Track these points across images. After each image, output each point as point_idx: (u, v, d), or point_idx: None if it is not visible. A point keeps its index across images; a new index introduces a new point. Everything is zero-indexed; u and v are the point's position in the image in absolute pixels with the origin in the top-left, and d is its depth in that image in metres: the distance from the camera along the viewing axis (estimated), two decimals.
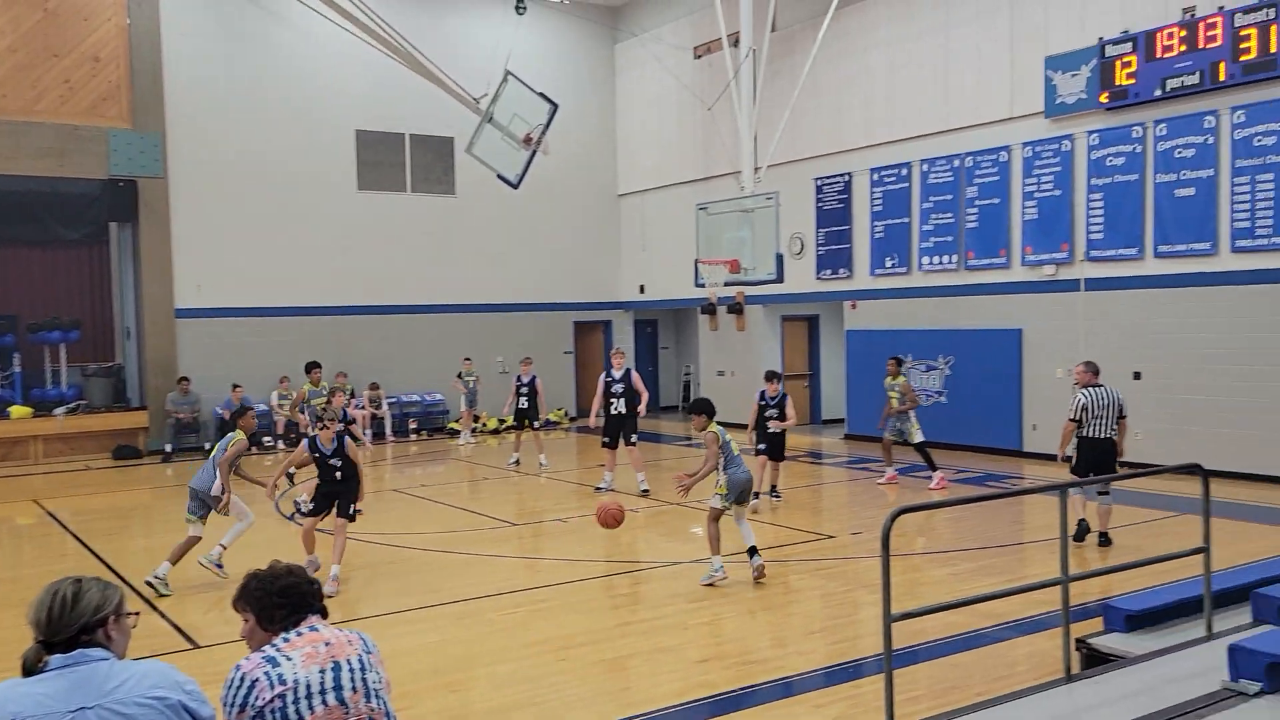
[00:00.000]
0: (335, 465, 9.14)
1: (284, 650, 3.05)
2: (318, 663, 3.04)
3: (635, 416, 13.80)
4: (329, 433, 9.12)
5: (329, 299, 20.65)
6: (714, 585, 8.56)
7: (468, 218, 22.10)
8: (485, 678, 6.66)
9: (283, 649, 3.06)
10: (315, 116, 20.39)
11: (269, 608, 3.13)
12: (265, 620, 3.14)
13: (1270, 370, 13.05)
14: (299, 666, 3.01)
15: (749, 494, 8.89)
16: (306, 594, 3.19)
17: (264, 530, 11.37)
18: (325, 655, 3.07)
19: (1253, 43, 12.89)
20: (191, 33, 19.31)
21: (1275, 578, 6.56)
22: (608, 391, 13.67)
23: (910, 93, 17.35)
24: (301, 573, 3.25)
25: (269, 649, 3.06)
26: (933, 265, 17.19)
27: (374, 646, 3.24)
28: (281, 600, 3.13)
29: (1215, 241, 13.56)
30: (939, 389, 17.17)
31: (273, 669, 2.99)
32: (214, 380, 19.26)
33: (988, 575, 8.88)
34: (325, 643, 3.11)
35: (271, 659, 3.02)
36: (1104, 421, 9.77)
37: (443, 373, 21.43)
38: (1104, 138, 14.70)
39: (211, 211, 19.50)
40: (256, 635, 3.16)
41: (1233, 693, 4.94)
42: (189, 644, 7.48)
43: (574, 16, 22.83)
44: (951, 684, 6.26)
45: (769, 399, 12.33)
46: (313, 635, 3.12)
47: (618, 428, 13.62)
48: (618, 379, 13.68)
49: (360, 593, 9.02)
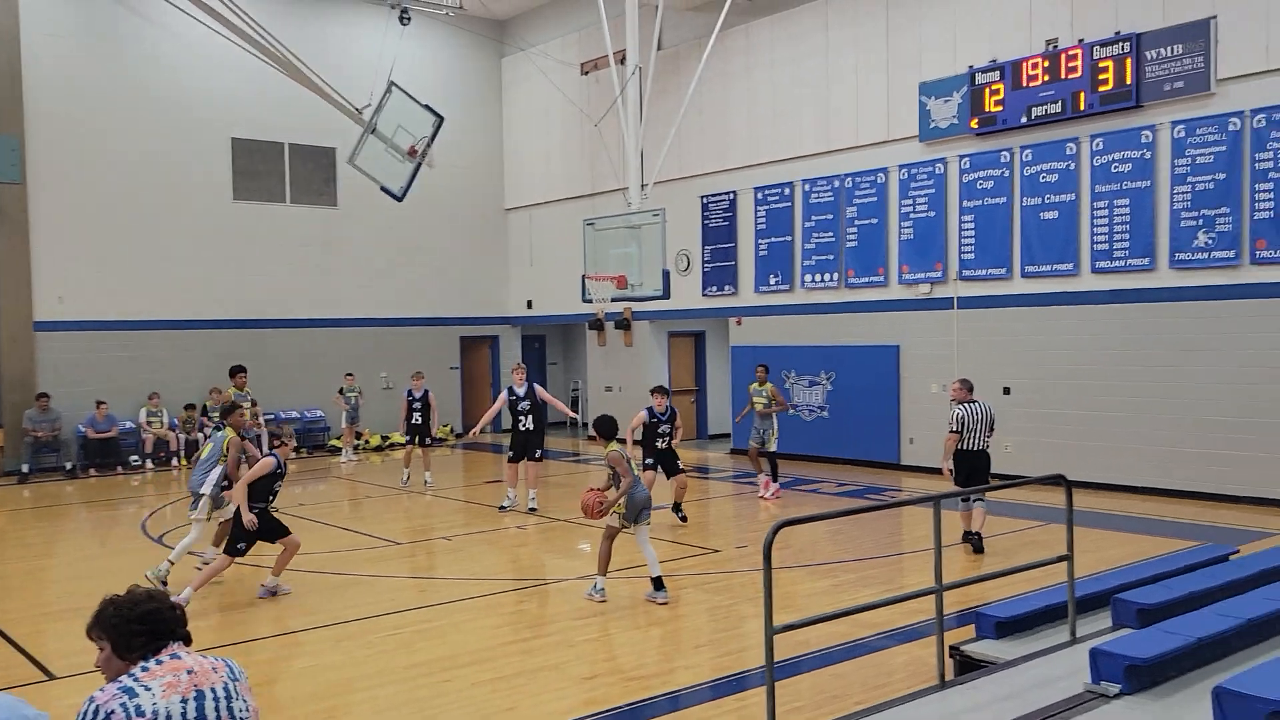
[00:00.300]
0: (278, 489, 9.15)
1: (143, 680, 2.88)
2: (179, 692, 2.89)
3: (542, 433, 13.65)
4: (287, 449, 9.18)
5: (202, 313, 19.91)
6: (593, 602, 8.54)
7: (350, 230, 21.64)
8: (366, 702, 6.48)
9: (141, 678, 2.89)
10: (189, 123, 19.68)
11: (126, 635, 2.95)
12: (122, 649, 2.96)
13: (1128, 385, 13.76)
14: (159, 696, 2.85)
15: (647, 513, 8.83)
16: (168, 620, 3.03)
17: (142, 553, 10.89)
18: (188, 684, 2.92)
19: (1110, 74, 13.63)
20: (54, 33, 18.43)
21: (1134, 583, 6.90)
22: (514, 409, 13.42)
23: (793, 114, 17.76)
24: (163, 598, 3.08)
25: (126, 679, 2.89)
26: (815, 283, 17.59)
27: (241, 673, 3.10)
28: (140, 628, 2.96)
29: (1077, 263, 14.25)
30: (821, 404, 17.55)
31: (130, 700, 2.82)
32: (77, 397, 18.36)
33: (867, 585, 9.09)
34: (188, 671, 2.95)
35: (129, 689, 2.85)
36: (978, 434, 10.49)
37: (323, 389, 20.88)
38: (974, 161, 15.31)
39: (75, 220, 18.60)
40: (113, 664, 2.98)
41: (1094, 695, 5.17)
42: (43, 675, 7.07)
43: (460, 29, 22.65)
44: (833, 694, 6.37)
45: (658, 414, 12.11)
46: (174, 663, 2.96)
47: (525, 444, 13.42)
48: (522, 396, 13.44)
49: (234, 616, 8.68)
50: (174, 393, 19.28)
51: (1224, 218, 12.83)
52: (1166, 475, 13.44)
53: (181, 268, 19.66)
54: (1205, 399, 13.06)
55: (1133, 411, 13.72)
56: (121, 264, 19.05)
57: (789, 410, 14.42)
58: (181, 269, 19.66)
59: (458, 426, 23.08)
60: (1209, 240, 12.97)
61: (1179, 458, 13.32)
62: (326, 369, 21.03)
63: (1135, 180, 13.63)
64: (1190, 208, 13.13)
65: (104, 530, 13.45)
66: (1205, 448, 13.07)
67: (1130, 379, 13.75)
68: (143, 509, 14.63)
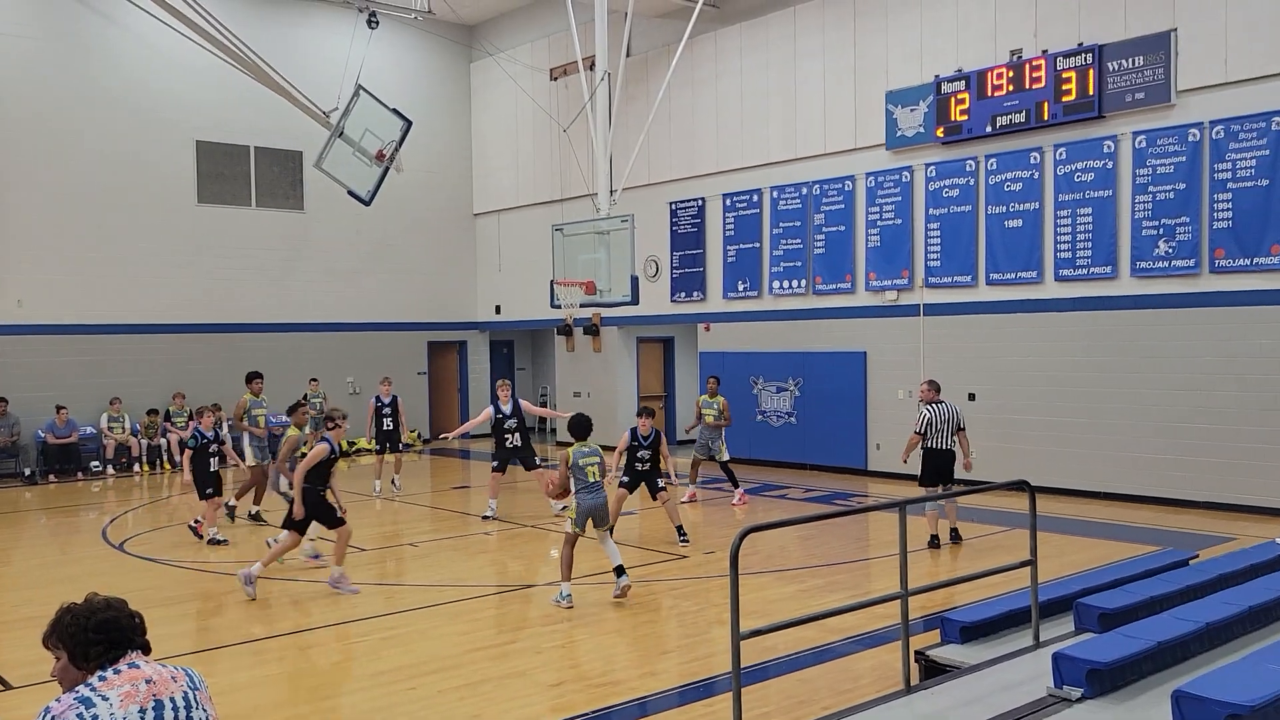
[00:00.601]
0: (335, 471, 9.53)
1: (100, 689, 2.84)
2: (137, 702, 2.85)
3: (530, 445, 13.46)
4: (340, 432, 9.50)
5: (165, 317, 19.67)
6: (561, 609, 8.53)
7: (317, 234, 21.48)
8: (329, 710, 6.43)
9: (99, 688, 2.85)
10: (153, 125, 19.45)
11: (84, 644, 2.91)
12: (79, 658, 2.91)
13: (1090, 391, 13.93)
14: (116, 706, 2.81)
15: (602, 520, 8.82)
16: (126, 629, 2.98)
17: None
18: (146, 693, 2.88)
19: (1073, 85, 13.82)
20: (17, 33, 18.15)
21: (1096, 588, 6.99)
22: (501, 428, 13.19)
23: (761, 121, 17.85)
24: (122, 606, 3.03)
25: (83, 689, 2.85)
26: (783, 289, 17.68)
27: (201, 682, 3.06)
28: (98, 636, 2.92)
29: (1040, 270, 14.42)
30: (789, 410, 17.63)
31: (87, 710, 2.78)
32: (36, 401, 18.07)
33: (834, 591, 9.14)
34: (146, 680, 2.91)
35: (85, 700, 2.81)
36: (944, 435, 10.92)
37: (289, 394, 20.61)
38: (940, 170, 15.46)
39: (36, 222, 18.32)
40: (69, 674, 2.93)
41: (1057, 699, 5.22)
42: (0, 685, 6.95)
43: (428, 33, 22.57)
44: (800, 698, 6.40)
45: (641, 438, 11.20)
46: (133, 673, 2.92)
47: (511, 458, 13.29)
48: (509, 414, 13.17)
49: (197, 624, 8.58)
50: (136, 398, 19.04)
51: (1184, 227, 13.04)
52: (1128, 481, 13.62)
53: (145, 271, 19.42)
54: (1165, 405, 13.25)
55: (1095, 417, 13.90)
56: (83, 267, 18.79)
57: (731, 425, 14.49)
58: (145, 272, 19.42)
59: (425, 432, 22.95)
60: (1169, 249, 13.17)
61: (1140, 463, 13.51)
62: (292, 374, 20.81)
63: (1097, 189, 13.82)
64: (1151, 217, 13.33)
65: (64, 537, 13.24)
66: (1165, 453, 13.27)
67: (1092, 385, 13.92)
68: (104, 515, 14.42)
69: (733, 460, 14.30)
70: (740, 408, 18.28)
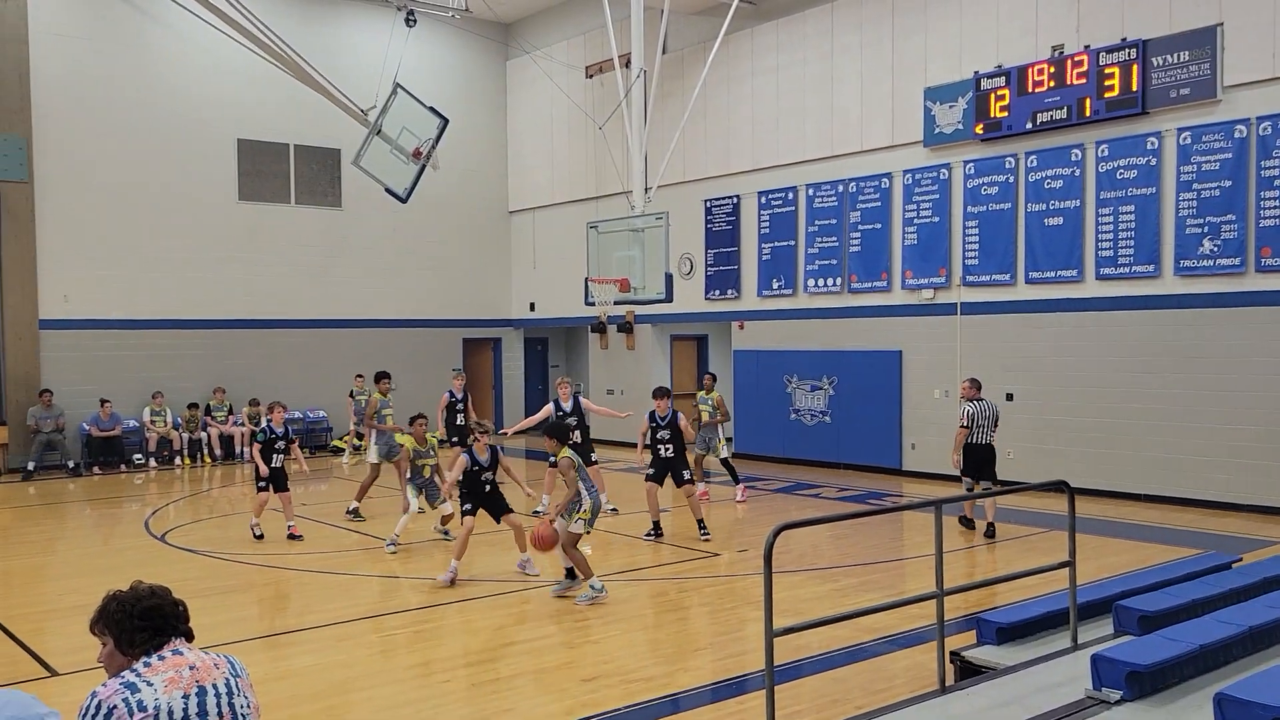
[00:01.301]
0: (487, 479, 9.54)
1: (145, 675, 2.89)
2: (181, 688, 2.90)
3: (590, 443, 13.41)
4: (482, 443, 9.54)
5: (206, 312, 19.94)
6: (597, 604, 8.55)
7: (354, 231, 21.68)
8: (365, 701, 6.49)
9: (144, 674, 2.90)
10: (195, 124, 19.73)
11: (129, 631, 2.96)
12: (125, 644, 2.97)
13: (1132, 392, 13.74)
14: (161, 692, 2.86)
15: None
16: (170, 616, 3.04)
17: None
18: (190, 680, 2.93)
19: (1115, 81, 13.63)
20: (63, 32, 18.48)
21: (1136, 590, 6.89)
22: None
23: (797, 119, 17.77)
24: (165, 594, 3.10)
25: (129, 674, 2.90)
26: (817, 288, 17.59)
27: (243, 670, 3.11)
28: (143, 623, 2.97)
29: (1081, 269, 14.24)
30: (823, 409, 17.54)
31: (132, 695, 2.83)
32: (81, 395, 18.40)
33: (868, 590, 9.08)
34: (190, 666, 2.96)
35: (131, 685, 2.86)
36: (985, 430, 11.56)
37: (325, 389, 20.94)
38: (979, 167, 15.31)
39: (81, 219, 18.65)
40: (115, 660, 2.99)
41: (1095, 701, 5.15)
42: (46, 671, 7.08)
43: (465, 31, 22.68)
44: (833, 698, 6.37)
45: (659, 418, 11.71)
46: (176, 659, 2.97)
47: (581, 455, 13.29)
48: (569, 411, 13.15)
49: (235, 615, 8.69)
50: (178, 392, 19.32)
51: (1229, 225, 12.82)
52: (1170, 483, 13.41)
53: (186, 267, 19.70)
54: (1210, 406, 13.04)
55: (1136, 418, 13.70)
56: (126, 263, 19.10)
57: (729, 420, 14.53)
58: (186, 269, 19.70)
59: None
60: (1214, 247, 12.95)
61: (1183, 465, 13.30)
62: (329, 369, 21.08)
63: (1140, 187, 13.62)
64: (1196, 215, 13.12)
65: (107, 528, 13.47)
66: (1209, 455, 13.05)
67: (1134, 386, 13.73)
68: (145, 507, 14.65)
69: (766, 458, 14.25)
70: (774, 406, 18.26)
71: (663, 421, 11.68)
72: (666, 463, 11.64)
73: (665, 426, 11.64)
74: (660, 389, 12.11)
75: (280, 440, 11.65)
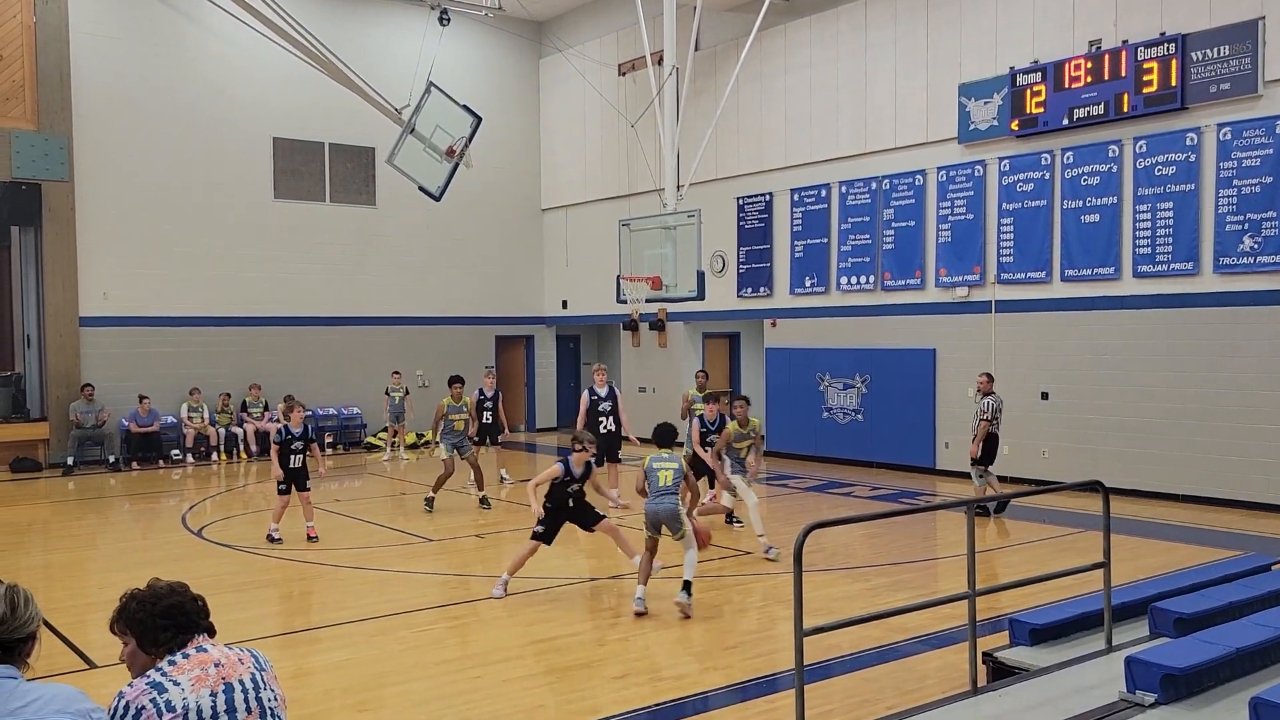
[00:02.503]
0: (574, 490, 8.95)
1: (171, 674, 2.88)
2: (208, 686, 2.89)
3: (619, 437, 13.59)
4: (583, 455, 8.89)
5: (242, 309, 20.18)
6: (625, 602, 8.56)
7: (388, 229, 21.84)
8: (397, 696, 6.55)
9: (170, 673, 2.89)
10: (231, 123, 19.97)
11: (152, 630, 2.94)
12: (149, 644, 2.95)
13: (1169, 391, 13.55)
14: (188, 691, 2.85)
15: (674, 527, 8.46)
16: (192, 613, 3.01)
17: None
18: (216, 677, 2.92)
19: (1154, 76, 13.44)
20: (102, 33, 18.77)
21: (1172, 592, 6.80)
22: (595, 409, 13.49)
23: (830, 115, 17.68)
24: (185, 590, 3.06)
25: (155, 674, 2.89)
26: (850, 285, 17.50)
27: (266, 663, 3.11)
28: (165, 622, 2.95)
29: (1118, 267, 14.06)
30: (856, 407, 17.45)
31: (160, 695, 2.82)
32: (120, 391, 18.69)
33: (900, 590, 9.03)
34: (215, 664, 2.95)
35: (158, 684, 2.85)
36: (999, 422, 12.77)
37: (360, 386, 21.12)
38: (1014, 164, 15.16)
39: (120, 217, 18.93)
40: (138, 659, 2.98)
41: (1129, 703, 5.10)
42: (84, 664, 7.21)
43: (498, 30, 22.78)
44: (864, 697, 6.34)
45: (708, 423, 11.54)
46: (201, 656, 2.96)
47: (606, 446, 13.26)
48: (604, 396, 13.41)
49: (269, 610, 8.80)
50: (214, 389, 19.56)
51: (1270, 222, 12.61)
52: (1207, 483, 13.22)
53: (223, 265, 19.95)
54: (1248, 406, 12.84)
55: (1174, 418, 13.51)
56: (165, 260, 19.37)
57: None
58: (223, 266, 19.94)
59: None
60: (1255, 244, 12.75)
61: (1220, 465, 13.11)
62: (363, 367, 21.27)
63: (1179, 183, 13.43)
64: (1236, 211, 12.91)
65: (145, 522, 13.67)
66: (1247, 455, 12.85)
67: (1172, 384, 13.54)
68: (183, 502, 14.87)
69: (798, 457, 14.19)
70: (806, 404, 18.20)
71: (713, 426, 11.56)
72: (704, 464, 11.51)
73: (716, 431, 11.43)
74: (710, 394, 12.01)
75: (298, 441, 11.44)
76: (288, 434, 11.44)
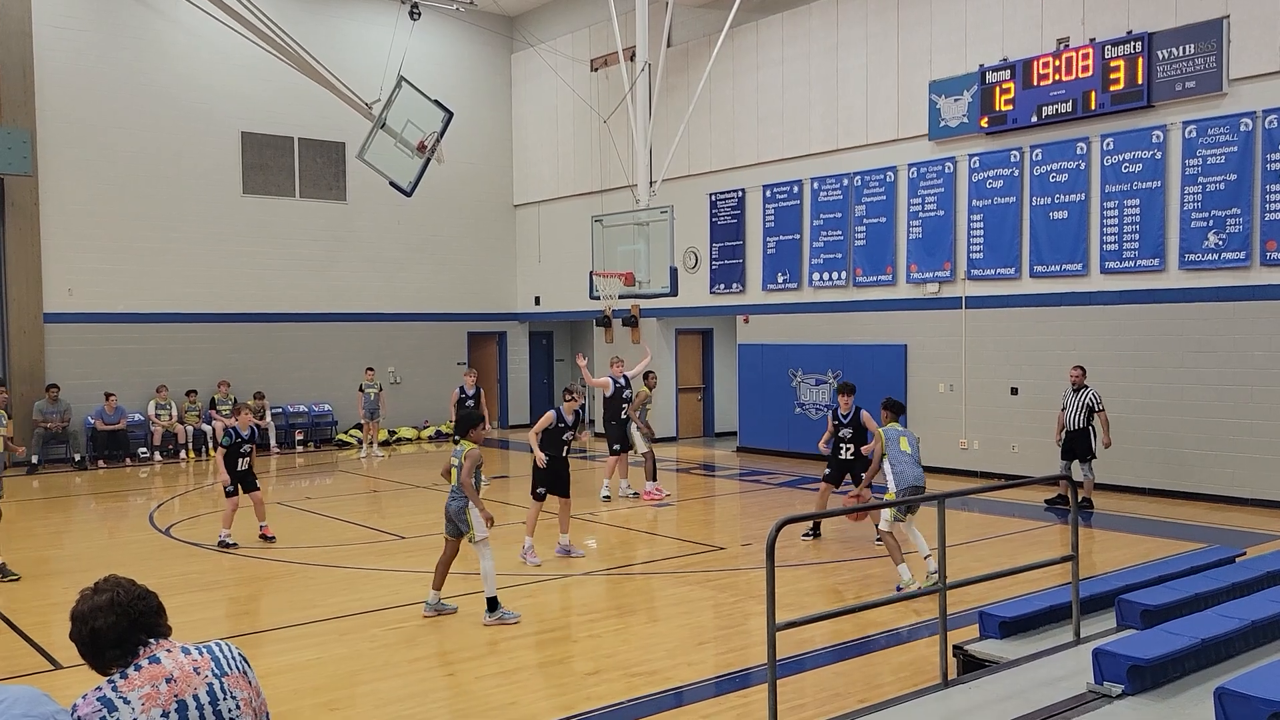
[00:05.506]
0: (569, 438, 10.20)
1: (122, 690, 2.72)
2: (159, 704, 2.72)
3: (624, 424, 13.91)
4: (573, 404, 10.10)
5: (210, 306, 19.98)
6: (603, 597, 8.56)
7: (359, 225, 21.69)
8: (368, 695, 6.50)
9: (121, 688, 2.73)
10: (198, 117, 19.74)
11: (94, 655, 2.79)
12: (97, 668, 2.80)
13: (1136, 386, 13.71)
14: (139, 711, 2.69)
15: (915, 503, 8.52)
16: (139, 628, 2.82)
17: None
18: (168, 694, 2.74)
19: (1121, 74, 13.57)
20: (66, 26, 18.49)
21: (1139, 584, 6.87)
22: (619, 398, 13.81)
23: (802, 112, 17.73)
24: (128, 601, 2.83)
25: (106, 688, 2.74)
26: (822, 281, 17.57)
27: (233, 662, 2.92)
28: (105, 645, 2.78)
29: (1086, 263, 14.20)
30: (828, 403, 17.51)
31: (110, 713, 2.68)
32: (85, 389, 18.45)
33: (871, 584, 9.08)
34: (167, 679, 2.76)
35: (108, 701, 2.70)
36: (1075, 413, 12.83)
37: (330, 383, 20.96)
38: (984, 161, 15.27)
39: (85, 212, 18.68)
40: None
41: (1097, 695, 5.15)
42: (50, 664, 7.11)
43: (470, 24, 22.66)
44: (836, 691, 6.37)
45: (842, 416, 11.00)
46: (153, 669, 2.77)
47: (621, 436, 13.79)
48: (625, 385, 13.87)
49: (238, 609, 8.71)
50: (182, 386, 19.36)
51: (1235, 219, 12.78)
52: (1173, 477, 13.39)
53: (190, 261, 19.73)
54: (1213, 400, 13.01)
55: (1140, 412, 13.67)
56: (131, 256, 19.13)
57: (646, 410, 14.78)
58: (190, 262, 19.73)
59: None
60: (1219, 241, 12.91)
61: (1186, 459, 13.27)
62: (334, 364, 21.12)
63: (1146, 180, 13.58)
64: (1201, 208, 13.07)
65: (112, 521, 13.50)
66: (1213, 449, 13.03)
67: (1138, 380, 13.70)
68: (150, 501, 14.70)
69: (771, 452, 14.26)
70: (779, 400, 18.26)
71: (845, 419, 11.03)
72: (845, 464, 11.07)
73: (848, 425, 11.00)
74: (845, 385, 11.21)
75: (246, 444, 11.29)
76: (236, 436, 11.23)
